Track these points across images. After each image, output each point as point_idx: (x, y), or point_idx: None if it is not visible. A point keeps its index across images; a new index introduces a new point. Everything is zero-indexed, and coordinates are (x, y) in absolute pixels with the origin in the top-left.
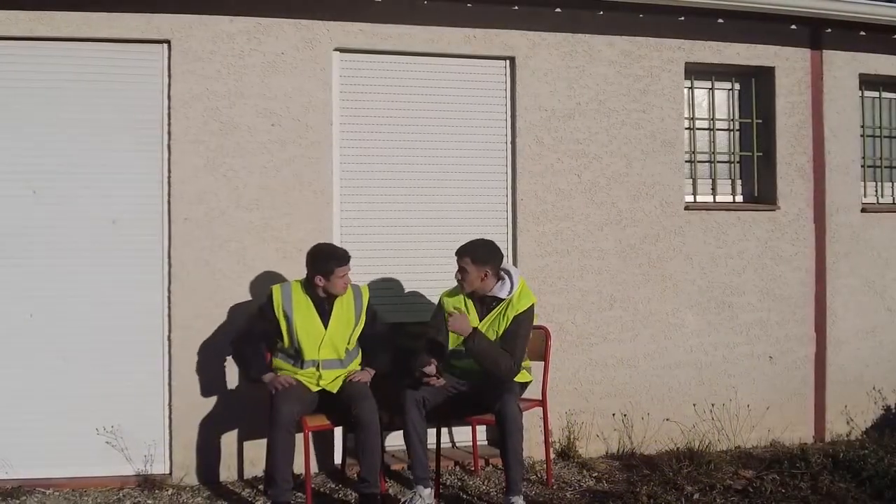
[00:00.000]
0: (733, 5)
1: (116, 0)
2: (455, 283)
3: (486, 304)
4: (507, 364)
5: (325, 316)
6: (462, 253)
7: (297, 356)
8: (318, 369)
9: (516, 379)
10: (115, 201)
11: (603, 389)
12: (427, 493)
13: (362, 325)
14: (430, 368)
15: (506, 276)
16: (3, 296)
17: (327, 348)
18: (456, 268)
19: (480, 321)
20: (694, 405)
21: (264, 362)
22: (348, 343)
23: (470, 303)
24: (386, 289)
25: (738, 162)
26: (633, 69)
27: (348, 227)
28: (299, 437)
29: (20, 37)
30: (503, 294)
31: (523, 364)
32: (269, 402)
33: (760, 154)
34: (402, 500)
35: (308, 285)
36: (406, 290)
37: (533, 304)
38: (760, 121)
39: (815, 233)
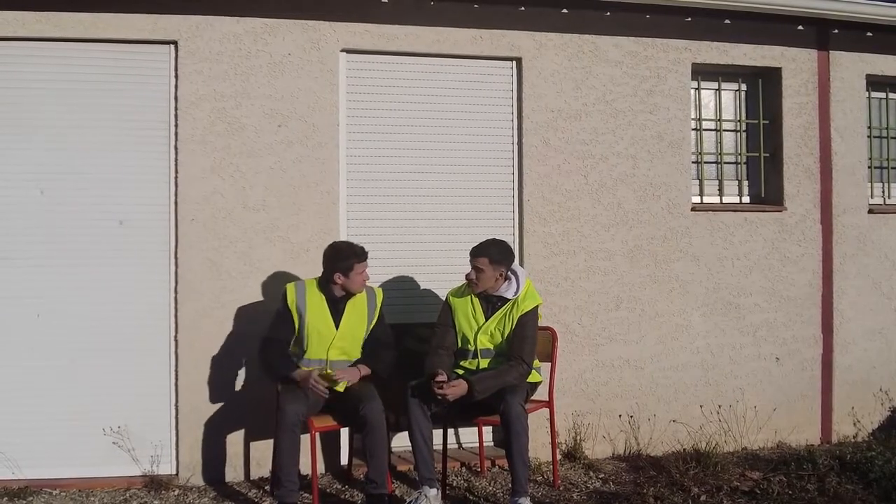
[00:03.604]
0: (740, 6)
1: (123, 1)
2: (461, 282)
3: (491, 303)
4: (514, 375)
5: (337, 316)
6: (478, 254)
7: (300, 355)
8: (326, 370)
9: (527, 379)
10: (121, 202)
11: (609, 390)
12: (433, 493)
13: (374, 325)
14: (442, 377)
15: (512, 277)
16: (10, 296)
17: (336, 350)
18: (468, 268)
19: (486, 320)
20: (701, 406)
21: (291, 361)
22: (360, 344)
23: (477, 302)
24: (392, 289)
25: (744, 163)
26: (640, 70)
27: (355, 227)
28: (306, 437)
29: (27, 37)
30: (509, 294)
31: (533, 364)
32: (275, 402)
33: (767, 155)
34: (408, 500)
35: (324, 284)
36: (413, 291)
37: (538, 306)
38: (767, 121)
39: (822, 234)
